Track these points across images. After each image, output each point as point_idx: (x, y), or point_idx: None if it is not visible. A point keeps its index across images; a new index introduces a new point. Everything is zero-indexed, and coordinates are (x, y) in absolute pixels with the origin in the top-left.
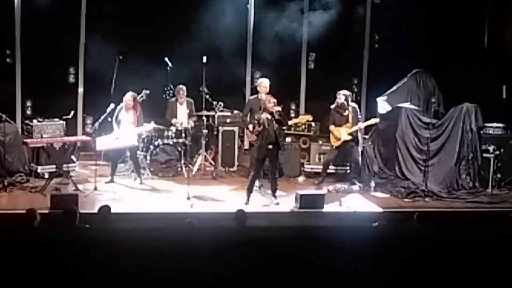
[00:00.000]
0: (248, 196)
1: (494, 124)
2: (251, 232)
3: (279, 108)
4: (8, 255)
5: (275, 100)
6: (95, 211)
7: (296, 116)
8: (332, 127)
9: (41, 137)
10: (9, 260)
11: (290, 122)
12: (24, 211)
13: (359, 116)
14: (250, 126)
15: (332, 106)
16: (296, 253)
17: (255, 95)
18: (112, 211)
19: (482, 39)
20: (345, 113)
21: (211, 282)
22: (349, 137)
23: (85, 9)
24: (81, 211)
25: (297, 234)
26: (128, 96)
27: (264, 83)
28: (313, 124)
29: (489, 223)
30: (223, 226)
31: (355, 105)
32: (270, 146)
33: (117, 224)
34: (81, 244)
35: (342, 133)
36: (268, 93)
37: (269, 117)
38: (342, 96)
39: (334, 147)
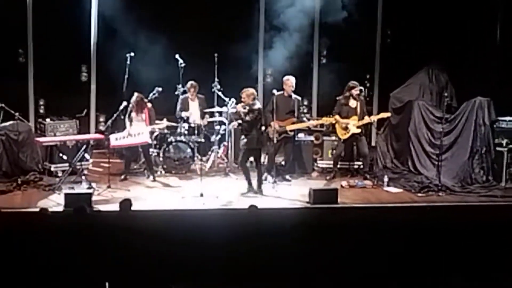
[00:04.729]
0: (249, 186)
1: (507, 118)
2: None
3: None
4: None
5: (244, 100)
6: (109, 209)
7: (309, 112)
8: (337, 117)
9: (54, 135)
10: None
11: (313, 122)
12: (37, 210)
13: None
14: (273, 123)
15: (340, 97)
16: None
17: (281, 91)
18: None
19: (495, 32)
20: (354, 105)
21: None
22: (358, 130)
23: (96, 7)
24: (95, 208)
25: None
26: (135, 98)
27: (284, 81)
28: None
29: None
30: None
31: (363, 97)
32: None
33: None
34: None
35: (350, 126)
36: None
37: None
38: (359, 89)
39: (341, 140)
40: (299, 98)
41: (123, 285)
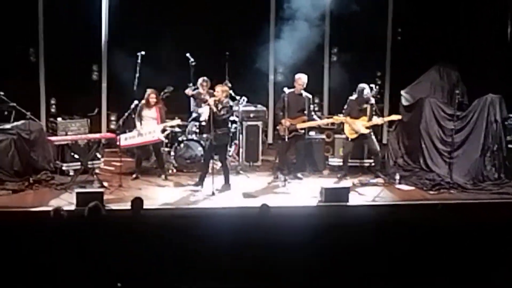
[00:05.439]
0: (200, 181)
1: None
2: None
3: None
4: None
5: (217, 95)
6: (120, 208)
7: (320, 110)
8: (347, 119)
9: (66, 134)
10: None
11: (323, 121)
12: (50, 209)
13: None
14: (284, 121)
15: (353, 97)
16: None
17: (292, 89)
18: None
19: (505, 29)
20: (365, 106)
21: None
22: (367, 131)
23: (107, 6)
24: (107, 207)
25: None
26: (150, 93)
27: (296, 79)
28: None
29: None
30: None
31: (373, 99)
32: None
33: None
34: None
35: (359, 126)
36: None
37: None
38: (368, 89)
39: (350, 140)
40: (310, 96)
41: (135, 284)
